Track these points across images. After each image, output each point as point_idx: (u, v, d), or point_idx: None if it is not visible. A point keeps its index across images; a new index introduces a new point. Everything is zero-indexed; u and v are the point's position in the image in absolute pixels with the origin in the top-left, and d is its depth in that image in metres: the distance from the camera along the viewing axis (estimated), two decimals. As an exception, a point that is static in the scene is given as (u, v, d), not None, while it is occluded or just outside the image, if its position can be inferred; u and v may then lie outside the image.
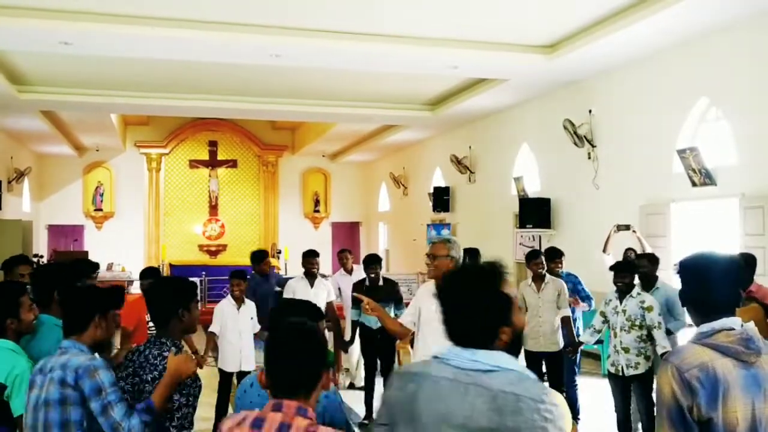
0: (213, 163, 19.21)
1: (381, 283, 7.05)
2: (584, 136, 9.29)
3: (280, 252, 16.72)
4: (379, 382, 7.09)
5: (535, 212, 10.34)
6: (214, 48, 8.13)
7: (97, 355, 2.83)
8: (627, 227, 7.52)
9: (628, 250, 7.33)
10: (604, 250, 7.09)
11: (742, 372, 2.12)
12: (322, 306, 7.23)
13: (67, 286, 3.42)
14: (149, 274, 5.82)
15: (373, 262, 7.12)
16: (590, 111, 9.30)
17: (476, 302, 1.88)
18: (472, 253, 7.70)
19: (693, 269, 2.30)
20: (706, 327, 2.18)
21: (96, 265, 6.00)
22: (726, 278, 2.24)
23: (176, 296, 2.87)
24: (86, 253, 15.29)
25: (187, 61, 9.08)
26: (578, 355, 6.58)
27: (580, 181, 9.59)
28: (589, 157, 9.35)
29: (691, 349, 2.19)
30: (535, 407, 1.73)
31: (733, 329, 2.16)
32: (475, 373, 1.82)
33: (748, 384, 2.11)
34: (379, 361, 7.16)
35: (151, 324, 4.67)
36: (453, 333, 1.90)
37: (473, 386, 1.79)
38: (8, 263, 4.45)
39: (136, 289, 12.92)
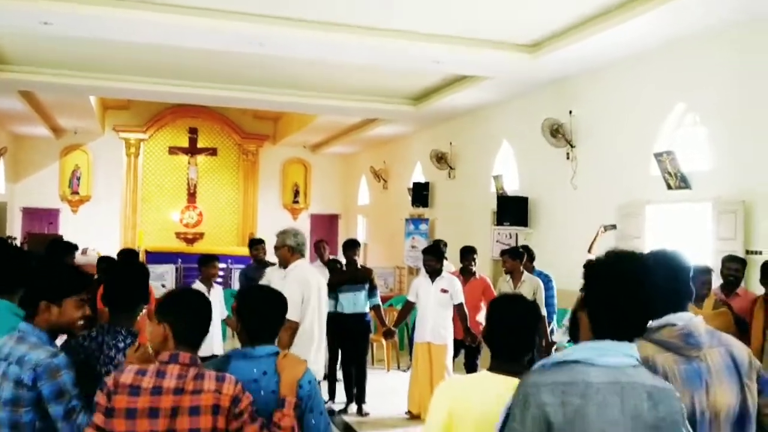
0: (193, 150, 19.07)
1: (358, 267, 7.26)
2: (564, 136, 9.37)
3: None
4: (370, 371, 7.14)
5: (512, 210, 10.41)
6: (198, 34, 8.07)
7: (58, 347, 2.64)
8: (614, 227, 7.64)
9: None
10: (589, 250, 7.18)
11: (683, 366, 2.24)
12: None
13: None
14: (126, 255, 5.78)
15: (350, 246, 7.34)
16: (570, 111, 9.37)
17: (645, 291, 1.92)
18: (468, 250, 7.76)
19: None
20: (653, 323, 2.28)
21: (74, 246, 5.88)
22: (676, 276, 2.40)
23: (139, 280, 2.88)
24: (61, 236, 15.10)
25: (170, 46, 9.00)
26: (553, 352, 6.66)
27: (558, 181, 9.67)
28: (568, 158, 9.43)
29: (641, 347, 2.24)
30: (675, 396, 1.89)
31: (676, 325, 2.27)
32: (630, 369, 1.85)
33: (689, 377, 2.23)
34: (346, 349, 7.25)
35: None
36: (614, 323, 1.90)
37: (630, 385, 1.82)
38: None
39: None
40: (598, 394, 1.80)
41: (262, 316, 2.59)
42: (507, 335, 2.26)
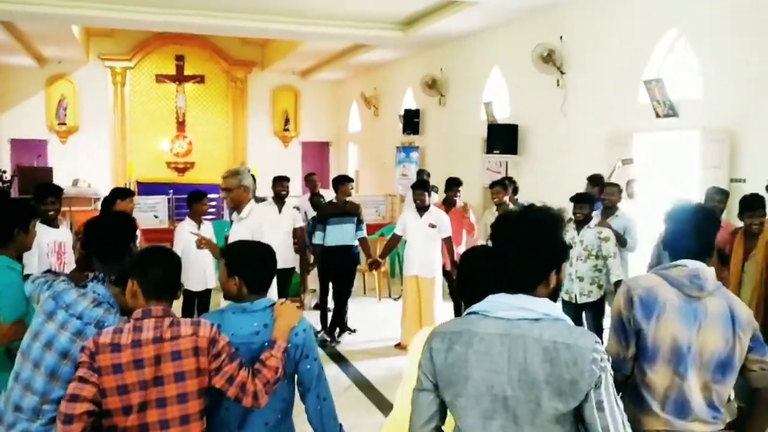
0: (180, 78, 18.76)
1: (345, 201, 7.31)
2: (554, 63, 9.26)
3: (249, 171, 16.61)
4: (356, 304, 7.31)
5: (502, 138, 10.39)
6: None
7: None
8: (631, 161, 7.72)
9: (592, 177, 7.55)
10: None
11: (683, 303, 2.44)
12: (289, 230, 7.38)
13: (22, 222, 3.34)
14: (119, 194, 5.74)
15: (339, 181, 7.40)
16: (561, 37, 9.24)
17: (540, 243, 1.91)
18: (453, 182, 7.85)
19: (675, 218, 2.59)
20: (669, 263, 2.52)
21: (58, 189, 5.75)
22: (700, 229, 2.53)
23: (127, 233, 2.92)
24: (50, 169, 15.08)
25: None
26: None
27: (548, 109, 9.62)
28: (558, 85, 9.36)
29: (646, 275, 2.61)
30: (591, 357, 1.79)
31: (687, 266, 2.47)
32: (524, 323, 1.85)
33: (685, 313, 2.43)
34: (336, 280, 7.40)
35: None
36: (508, 274, 1.92)
37: (522, 338, 1.82)
38: None
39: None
40: (481, 343, 1.87)
41: (259, 270, 2.65)
42: (475, 289, 2.31)
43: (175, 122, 18.85)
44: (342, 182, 7.43)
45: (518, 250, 1.91)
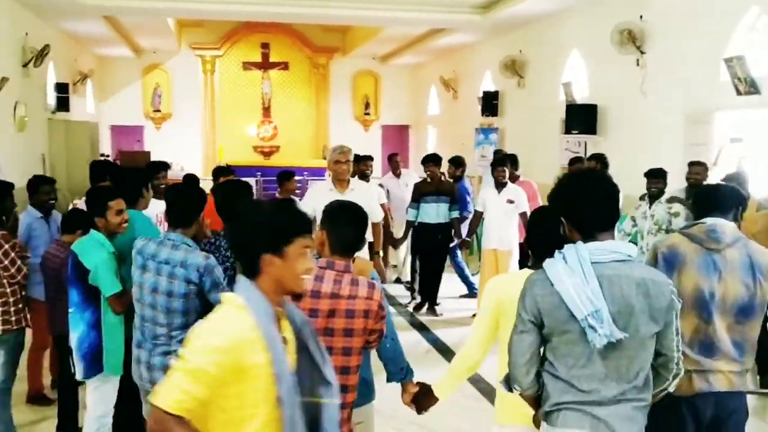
0: (265, 65, 19.50)
1: (441, 180, 7.66)
2: (634, 42, 9.28)
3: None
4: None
5: (581, 118, 10.47)
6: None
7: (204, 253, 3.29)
8: (741, 140, 7.77)
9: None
10: (715, 163, 7.38)
11: (703, 256, 2.78)
12: (376, 206, 7.79)
13: (146, 183, 3.99)
14: (221, 172, 6.35)
15: (427, 160, 7.73)
16: (641, 16, 9.24)
17: (615, 195, 2.31)
18: (512, 158, 8.10)
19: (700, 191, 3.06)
20: (690, 222, 2.88)
21: (167, 165, 6.50)
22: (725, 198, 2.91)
23: (245, 197, 3.35)
24: (148, 153, 16.01)
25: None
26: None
27: (627, 88, 9.64)
28: (638, 64, 9.37)
29: (672, 235, 2.98)
30: (670, 289, 2.25)
31: (705, 223, 2.80)
32: (616, 264, 2.20)
33: (705, 265, 2.77)
34: (425, 255, 7.76)
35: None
36: (595, 224, 2.26)
37: (616, 276, 2.18)
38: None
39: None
40: None
41: (345, 229, 2.75)
42: (542, 242, 2.63)
43: (261, 108, 19.62)
44: (427, 161, 7.78)
45: (600, 200, 2.27)
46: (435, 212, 7.60)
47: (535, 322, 2.26)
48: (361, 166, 8.04)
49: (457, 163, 8.72)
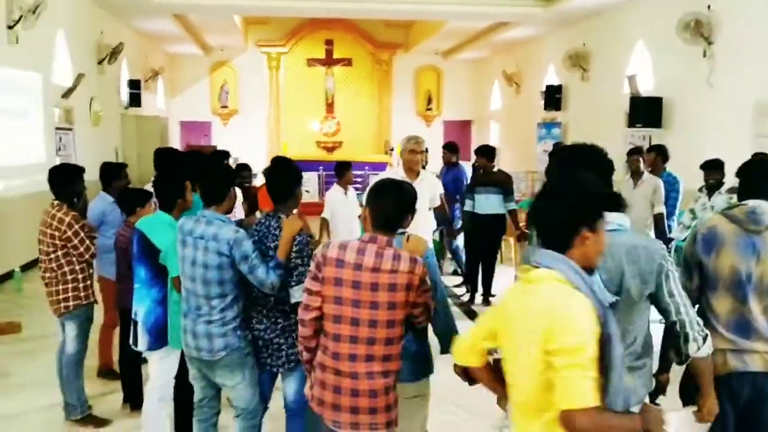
0: (329, 61, 19.79)
1: (494, 171, 7.64)
2: (701, 33, 9.06)
3: (392, 149, 17.33)
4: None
5: (646, 111, 10.27)
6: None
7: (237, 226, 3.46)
8: None
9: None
10: None
11: (742, 237, 2.78)
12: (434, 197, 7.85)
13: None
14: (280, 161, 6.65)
15: (480, 152, 7.73)
16: (709, 6, 9.00)
17: (608, 167, 2.45)
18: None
19: (744, 171, 3.03)
20: (733, 203, 2.89)
21: (228, 153, 6.83)
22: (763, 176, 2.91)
23: (294, 177, 3.48)
24: (215, 147, 16.43)
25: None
26: (671, 248, 6.84)
27: (693, 80, 9.42)
28: (705, 55, 9.14)
29: (713, 217, 2.97)
30: (661, 254, 2.36)
31: (747, 204, 2.81)
32: (606, 233, 2.23)
33: (744, 246, 2.76)
34: (478, 245, 7.77)
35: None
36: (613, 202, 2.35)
37: (607, 246, 2.20)
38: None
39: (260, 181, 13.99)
40: None
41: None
42: None
43: (324, 104, 19.91)
44: (480, 153, 7.78)
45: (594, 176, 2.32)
46: (487, 203, 7.59)
47: None
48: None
49: (452, 148, 8.74)
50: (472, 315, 7.31)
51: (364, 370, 2.63)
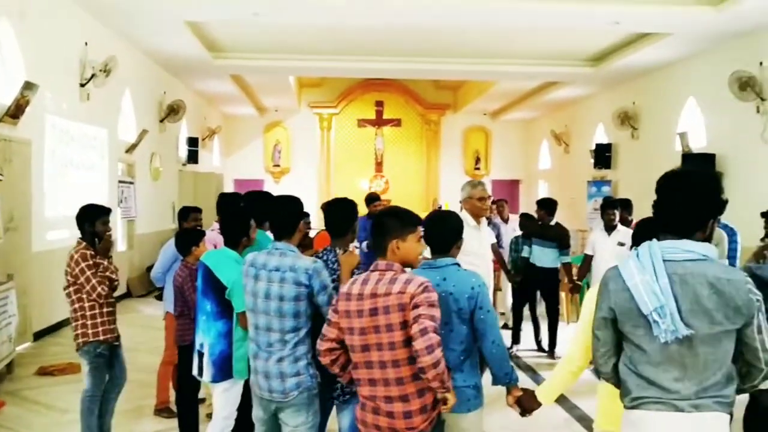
0: (379, 122, 20.25)
1: (552, 224, 7.68)
2: (753, 89, 9.05)
3: (440, 207, 17.45)
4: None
5: (699, 167, 10.18)
6: (395, 9, 8.78)
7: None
8: None
9: None
10: None
11: None
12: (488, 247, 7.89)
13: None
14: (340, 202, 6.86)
15: (540, 205, 7.81)
16: (761, 63, 9.02)
17: (702, 194, 2.31)
18: (624, 202, 7.98)
19: None
20: None
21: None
22: None
23: (350, 215, 3.62)
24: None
25: (357, 26, 9.88)
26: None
27: (747, 136, 9.36)
28: (758, 111, 9.10)
29: None
30: (747, 288, 2.21)
31: None
32: (689, 263, 2.23)
33: None
34: (531, 296, 7.80)
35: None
36: (670, 222, 2.31)
37: (690, 275, 2.21)
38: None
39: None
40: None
41: (442, 235, 3.20)
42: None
43: (374, 163, 20.28)
44: (540, 206, 7.85)
45: (680, 200, 2.30)
46: (542, 254, 7.63)
47: (610, 316, 2.34)
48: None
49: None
50: (525, 367, 7.24)
51: (397, 394, 2.75)
